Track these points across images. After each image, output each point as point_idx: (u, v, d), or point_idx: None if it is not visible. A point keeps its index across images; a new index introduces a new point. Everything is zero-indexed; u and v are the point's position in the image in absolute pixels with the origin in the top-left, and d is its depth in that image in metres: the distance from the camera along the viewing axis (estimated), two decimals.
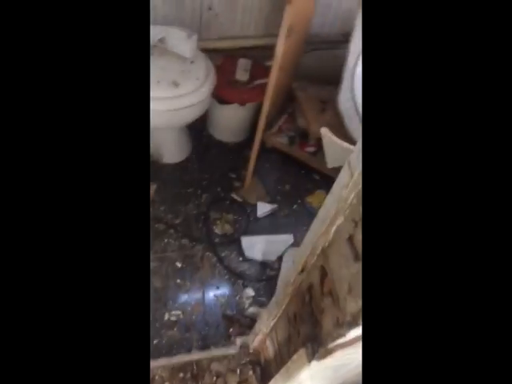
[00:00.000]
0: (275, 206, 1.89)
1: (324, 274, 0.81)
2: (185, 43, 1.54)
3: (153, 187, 1.82)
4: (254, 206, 1.87)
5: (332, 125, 1.90)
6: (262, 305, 1.57)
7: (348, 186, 0.65)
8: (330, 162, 1.66)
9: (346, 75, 1.76)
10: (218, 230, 1.75)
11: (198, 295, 1.56)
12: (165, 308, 1.49)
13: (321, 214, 0.77)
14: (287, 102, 2.11)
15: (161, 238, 1.67)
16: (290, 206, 1.92)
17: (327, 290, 0.81)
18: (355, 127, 1.78)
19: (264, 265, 1.69)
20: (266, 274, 1.66)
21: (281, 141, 2.01)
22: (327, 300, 0.80)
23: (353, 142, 1.78)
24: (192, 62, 1.60)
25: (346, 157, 0.65)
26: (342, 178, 0.67)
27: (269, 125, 2.02)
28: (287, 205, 1.91)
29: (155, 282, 1.55)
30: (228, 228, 1.77)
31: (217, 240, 1.72)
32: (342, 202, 0.68)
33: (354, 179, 0.63)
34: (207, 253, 1.68)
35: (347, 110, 1.77)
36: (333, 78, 1.87)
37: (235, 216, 1.82)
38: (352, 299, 0.69)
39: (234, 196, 1.88)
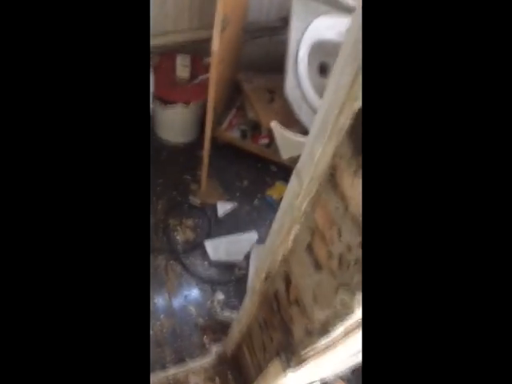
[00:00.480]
0: (235, 203, 1.84)
1: (288, 281, 0.79)
2: None
3: None
4: (214, 207, 1.81)
5: (282, 114, 1.87)
6: (234, 307, 1.54)
7: (299, 195, 0.61)
8: (284, 154, 1.64)
9: (289, 62, 1.73)
10: (179, 237, 1.69)
11: (166, 308, 1.50)
12: None
13: (276, 223, 0.73)
14: (234, 94, 2.05)
15: None
16: (250, 201, 1.88)
17: (293, 298, 0.78)
18: (305, 114, 1.76)
19: (231, 266, 1.65)
20: (235, 275, 1.63)
21: (233, 136, 1.95)
22: (294, 308, 0.77)
23: (304, 128, 1.76)
24: None
25: (299, 147, 0.62)
26: (292, 188, 0.63)
27: (218, 120, 1.96)
28: (248, 201, 1.88)
29: None
30: (189, 233, 1.71)
31: (179, 247, 1.66)
32: (295, 210, 0.65)
33: (304, 188, 0.60)
34: (171, 262, 1.62)
35: (295, 97, 1.74)
36: (278, 66, 1.83)
37: (195, 220, 1.76)
38: (318, 308, 0.67)
39: (192, 199, 1.82)
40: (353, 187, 0.50)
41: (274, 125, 1.55)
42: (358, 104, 0.45)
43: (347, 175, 0.51)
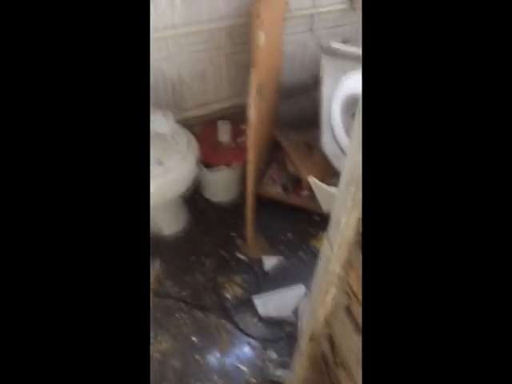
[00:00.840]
0: (281, 257, 1.86)
1: (332, 342, 0.78)
2: (161, 122, 1.59)
3: (156, 264, 1.81)
4: (261, 262, 1.84)
5: (321, 166, 1.92)
6: (287, 366, 1.51)
7: (331, 260, 0.64)
8: (325, 207, 1.66)
9: (324, 117, 1.80)
10: (228, 295, 1.72)
11: (219, 368, 1.51)
12: None
13: (314, 285, 0.75)
14: (274, 151, 2.15)
15: (172, 315, 1.64)
16: (295, 253, 1.89)
17: (339, 361, 0.78)
18: (342, 164, 1.79)
19: (281, 322, 1.64)
20: (285, 331, 1.61)
21: (275, 190, 2.02)
22: (341, 371, 0.76)
23: None
24: (172, 138, 1.65)
25: None
26: (324, 251, 0.66)
27: (260, 177, 2.04)
28: (293, 253, 1.89)
29: (173, 363, 1.51)
30: (238, 290, 1.74)
31: (228, 305, 1.69)
32: (330, 274, 0.67)
33: (334, 252, 0.62)
34: (221, 320, 1.64)
35: (331, 149, 1.79)
36: (313, 121, 1.91)
37: (243, 275, 1.80)
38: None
39: (239, 255, 1.87)
40: None
41: (312, 180, 1.59)
42: None
43: None
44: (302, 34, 1.97)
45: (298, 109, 2.20)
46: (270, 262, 1.84)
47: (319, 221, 2.00)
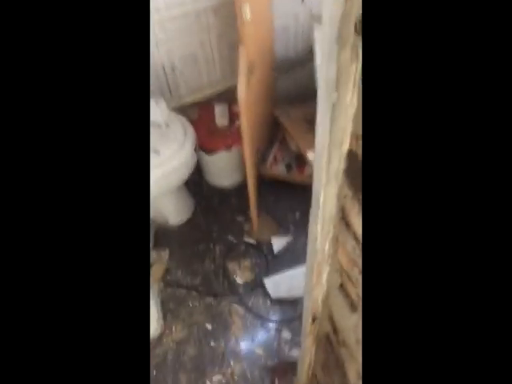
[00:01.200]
0: (290, 237, 1.84)
1: (333, 322, 0.76)
2: (155, 110, 1.56)
3: (166, 253, 1.81)
4: (270, 244, 1.82)
5: None
6: None
7: (318, 238, 0.60)
8: None
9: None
10: (239, 280, 1.72)
11: (234, 353, 1.51)
12: (204, 376, 1.45)
13: (306, 267, 0.72)
14: (274, 130, 2.10)
15: (185, 304, 1.65)
16: (305, 232, 1.86)
17: (341, 339, 0.75)
18: None
19: (294, 302, 1.62)
20: (297, 311, 1.60)
21: (278, 170, 1.98)
22: (344, 350, 0.74)
23: None
24: (167, 126, 1.62)
25: None
26: (311, 230, 0.62)
27: (263, 157, 2.00)
28: (302, 232, 1.86)
29: (189, 351, 1.52)
30: (248, 275, 1.73)
31: (240, 290, 1.68)
32: (319, 253, 0.63)
33: (319, 231, 0.59)
34: (234, 305, 1.64)
35: None
36: (312, 94, 1.84)
37: (253, 259, 1.78)
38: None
39: (247, 239, 1.85)
40: (361, 226, 0.49)
41: (311, 155, 1.54)
42: (345, 148, 0.44)
43: (354, 215, 0.50)
44: (293, 5, 1.88)
45: (296, 83, 2.13)
46: (278, 242, 1.82)
47: None
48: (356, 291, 0.58)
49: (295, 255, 1.77)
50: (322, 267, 0.65)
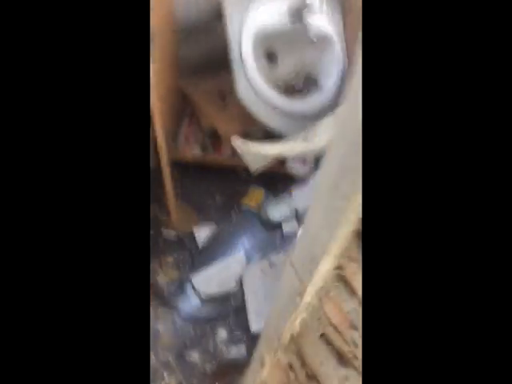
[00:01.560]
0: (213, 224, 1.69)
1: (303, 359, 0.65)
2: None
3: None
4: (192, 235, 1.65)
5: (239, 117, 1.70)
6: (240, 341, 1.42)
7: (298, 289, 0.47)
8: (253, 166, 1.48)
9: (235, 59, 1.54)
10: (162, 280, 1.53)
11: (167, 364, 1.36)
12: None
13: (276, 307, 0.59)
14: (182, 105, 1.86)
15: None
16: (227, 217, 1.73)
17: (312, 374, 0.66)
18: (263, 112, 1.59)
19: (226, 297, 1.51)
20: (232, 306, 1.50)
21: (192, 152, 1.77)
22: None
23: (265, 128, 1.60)
24: None
25: (266, 157, 0.49)
26: (288, 278, 0.49)
27: (172, 139, 1.77)
28: (224, 217, 1.72)
29: None
30: (173, 273, 1.55)
31: (165, 292, 1.50)
32: (297, 300, 0.50)
33: (304, 282, 0.45)
34: (159, 309, 1.47)
35: (249, 97, 1.57)
36: (221, 63, 1.64)
37: (175, 254, 1.60)
38: None
39: (166, 231, 1.65)
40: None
41: (236, 142, 1.38)
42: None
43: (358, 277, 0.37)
44: None
45: (201, 50, 1.89)
46: (201, 232, 1.66)
47: (246, 176, 1.82)
48: (350, 350, 0.46)
49: (222, 244, 1.64)
50: (298, 313, 0.53)
